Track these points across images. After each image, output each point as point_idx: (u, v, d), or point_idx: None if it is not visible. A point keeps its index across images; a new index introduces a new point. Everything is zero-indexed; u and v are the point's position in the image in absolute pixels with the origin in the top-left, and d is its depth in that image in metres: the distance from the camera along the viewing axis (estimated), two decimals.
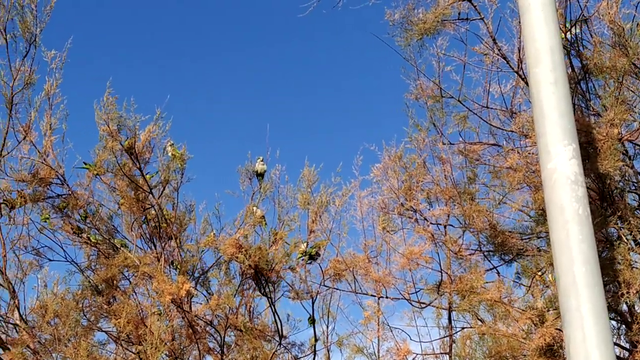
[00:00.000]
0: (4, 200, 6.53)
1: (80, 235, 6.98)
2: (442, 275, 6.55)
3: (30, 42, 6.49)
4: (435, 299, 6.65)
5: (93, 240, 6.99)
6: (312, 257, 6.92)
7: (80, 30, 17.04)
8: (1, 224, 6.51)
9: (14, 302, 6.48)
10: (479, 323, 6.41)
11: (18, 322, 6.46)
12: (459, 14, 6.36)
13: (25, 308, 6.59)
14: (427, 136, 6.64)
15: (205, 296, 7.01)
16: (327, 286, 6.73)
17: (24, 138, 6.55)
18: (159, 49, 19.25)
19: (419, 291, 6.67)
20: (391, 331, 6.69)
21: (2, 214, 6.53)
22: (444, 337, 6.77)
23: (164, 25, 19.25)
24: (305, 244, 6.89)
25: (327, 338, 6.85)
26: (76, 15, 16.95)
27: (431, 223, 6.64)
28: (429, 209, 6.66)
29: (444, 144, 6.63)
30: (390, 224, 6.69)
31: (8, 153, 6.51)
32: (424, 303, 6.71)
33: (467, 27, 6.38)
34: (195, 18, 19.09)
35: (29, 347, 6.35)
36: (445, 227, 6.66)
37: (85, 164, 6.72)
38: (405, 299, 6.66)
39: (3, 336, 6.45)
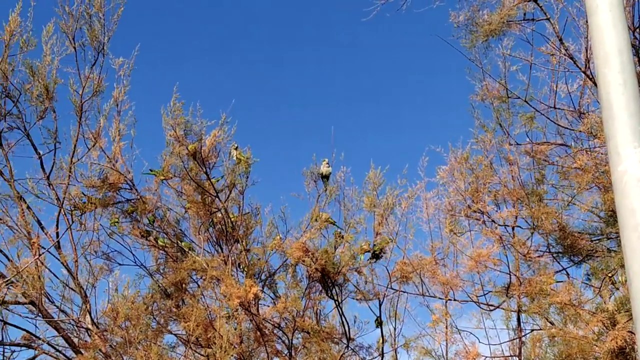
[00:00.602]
0: (75, 206, 7.59)
1: (147, 238, 8.04)
2: (510, 278, 7.43)
3: (98, 50, 7.48)
4: (504, 302, 7.52)
5: (161, 244, 8.03)
6: (377, 256, 7.81)
7: (147, 37, 18.38)
8: (72, 229, 7.57)
9: (86, 307, 7.52)
10: (549, 325, 7.28)
11: (90, 326, 7.49)
12: (525, 14, 7.24)
13: (96, 312, 7.64)
14: (493, 137, 7.52)
15: (272, 299, 8.00)
16: (394, 289, 7.65)
17: (94, 145, 7.59)
18: (224, 54, 20.67)
19: (487, 293, 7.56)
20: (459, 333, 7.59)
21: (73, 219, 7.59)
22: (513, 339, 7.64)
23: (228, 30, 20.66)
24: (367, 244, 7.78)
25: (395, 340, 7.75)
26: (142, 22, 18.30)
27: (499, 225, 7.54)
28: (497, 211, 7.54)
29: (510, 144, 7.50)
30: (457, 226, 7.58)
31: (78, 160, 7.55)
32: (492, 305, 7.58)
33: (533, 27, 7.23)
34: (260, 23, 20.49)
35: (101, 351, 7.36)
36: (513, 229, 7.54)
37: (152, 170, 7.75)
38: (474, 301, 7.55)
39: (75, 340, 7.50)
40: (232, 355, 7.21)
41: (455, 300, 7.54)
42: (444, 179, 7.54)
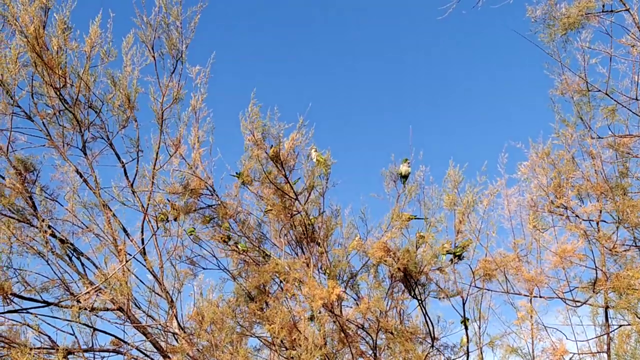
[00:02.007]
0: (159, 213, 7.57)
1: (228, 243, 7.98)
2: (597, 273, 7.20)
3: (176, 58, 7.44)
4: (591, 297, 7.29)
5: (242, 248, 7.97)
6: (459, 257, 7.65)
7: (223, 43, 18.60)
8: (157, 235, 7.54)
9: (173, 311, 7.48)
10: (638, 320, 7.04)
11: (177, 330, 7.45)
12: (603, 6, 7.02)
13: (182, 316, 7.59)
14: (574, 131, 7.31)
15: (354, 300, 7.88)
16: (477, 287, 7.47)
17: (175, 152, 7.56)
18: (300, 57, 20.82)
19: (573, 289, 7.32)
20: (546, 330, 7.37)
21: (158, 226, 7.56)
22: (601, 335, 7.40)
23: (303, 33, 20.81)
24: (449, 243, 7.62)
25: (480, 339, 7.57)
26: (217, 28, 18.51)
27: (583, 220, 7.32)
28: (580, 206, 7.33)
29: (592, 138, 7.27)
30: (540, 222, 7.38)
31: (160, 167, 7.52)
32: (579, 301, 7.36)
33: (612, 19, 7.00)
34: (333, 26, 20.59)
35: (189, 355, 7.31)
36: (597, 223, 7.29)
37: (237, 174, 7.70)
38: (559, 297, 7.33)
39: (163, 344, 7.46)
40: (317, 357, 7.10)
41: (540, 297, 7.32)
42: (525, 174, 7.34)
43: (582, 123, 7.23)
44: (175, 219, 7.56)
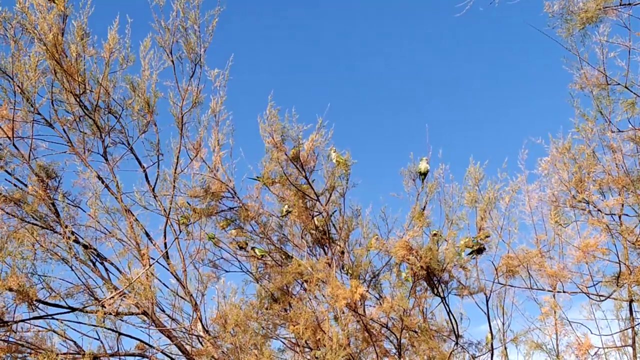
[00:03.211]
0: (181, 216, 7.47)
1: (245, 249, 7.88)
2: (620, 267, 7.08)
3: (195, 62, 7.34)
4: (615, 291, 7.17)
5: (259, 253, 7.87)
6: (479, 251, 7.52)
7: (240, 44, 18.53)
8: (180, 239, 7.44)
9: (197, 314, 7.37)
10: None
11: (202, 333, 7.34)
12: None
13: (205, 319, 7.48)
14: (594, 125, 7.19)
15: (377, 299, 7.76)
16: (501, 283, 7.34)
17: (196, 155, 7.46)
18: (316, 58, 20.75)
19: (597, 284, 7.20)
20: (570, 325, 7.24)
21: (181, 229, 7.46)
22: (626, 329, 7.29)
23: (319, 34, 20.75)
24: (470, 239, 7.49)
25: (504, 335, 7.45)
26: (234, 31, 18.45)
27: (605, 214, 7.20)
28: (602, 200, 7.21)
29: (612, 132, 7.15)
30: (562, 217, 7.26)
31: (182, 171, 7.42)
32: (602, 296, 7.23)
33: (630, 11, 6.90)
34: (351, 25, 20.53)
35: (213, 357, 7.21)
36: (620, 217, 7.17)
37: (258, 177, 7.59)
38: (584, 292, 7.21)
39: (188, 348, 7.35)
40: (341, 357, 6.99)
41: (564, 292, 7.20)
42: (546, 170, 7.22)
43: (602, 117, 7.12)
44: (197, 222, 7.45)
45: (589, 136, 7.12)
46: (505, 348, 7.44)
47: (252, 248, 7.94)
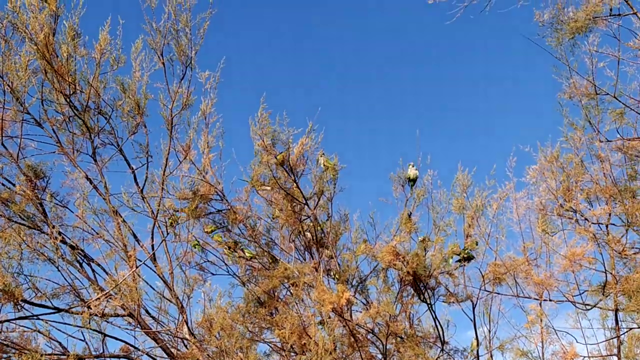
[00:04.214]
0: (169, 217, 7.45)
1: (235, 250, 7.86)
2: (606, 276, 7.09)
3: (186, 64, 7.32)
4: (601, 300, 7.18)
5: (249, 255, 7.86)
6: (467, 259, 7.52)
7: (232, 47, 18.54)
8: (167, 241, 7.42)
9: (183, 317, 7.34)
10: None
11: (187, 336, 7.31)
12: (611, 9, 6.91)
13: (191, 322, 7.45)
14: (583, 135, 7.21)
15: (363, 304, 7.76)
16: (488, 290, 7.35)
17: (185, 157, 7.44)
18: (306, 62, 20.78)
19: (583, 293, 7.21)
20: (556, 334, 7.24)
21: (168, 231, 7.44)
22: (611, 338, 7.28)
23: (310, 38, 20.76)
24: (457, 247, 7.48)
25: (490, 343, 7.44)
26: (225, 34, 18.45)
27: (592, 223, 7.21)
28: (589, 209, 7.22)
29: (601, 141, 7.17)
30: (549, 225, 7.27)
31: (170, 173, 7.41)
32: (588, 305, 7.24)
33: (619, 22, 6.91)
34: (342, 31, 20.60)
35: None
36: (607, 226, 7.19)
37: (247, 180, 7.57)
38: (570, 301, 7.21)
39: (174, 351, 7.33)
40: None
41: (550, 300, 7.20)
42: (534, 178, 7.23)
43: (591, 126, 7.14)
44: (184, 223, 7.44)
45: (578, 145, 7.14)
46: (491, 355, 7.44)
47: (242, 249, 7.92)
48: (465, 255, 7.43)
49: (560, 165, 7.10)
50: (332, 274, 7.65)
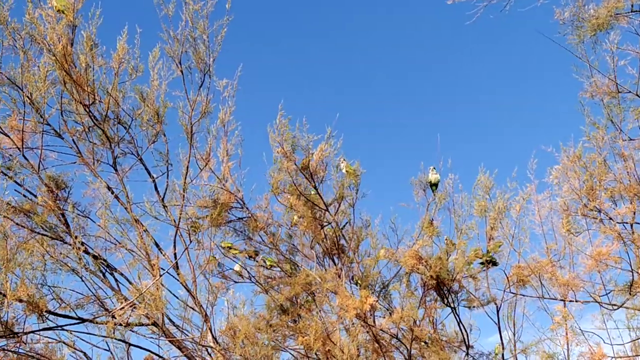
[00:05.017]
0: (191, 225, 7.44)
1: (255, 259, 7.87)
2: (633, 275, 7.04)
3: (204, 72, 7.32)
4: (627, 300, 7.12)
5: (269, 263, 7.85)
6: (493, 263, 7.49)
7: (249, 56, 18.54)
8: (190, 249, 7.41)
9: (207, 325, 7.33)
10: None
11: (212, 344, 7.29)
12: (632, 5, 6.91)
13: (215, 330, 7.43)
14: (605, 134, 7.17)
15: (386, 309, 7.72)
16: (513, 292, 7.30)
17: (205, 165, 7.44)
18: (325, 68, 20.78)
19: (609, 293, 7.16)
20: (583, 335, 7.19)
21: (191, 239, 7.44)
22: (638, 338, 7.23)
23: (329, 44, 20.75)
24: (479, 250, 7.45)
25: (514, 346, 7.39)
26: (243, 41, 18.46)
27: (616, 222, 7.16)
28: (614, 208, 7.17)
29: (624, 140, 7.13)
30: (574, 225, 7.22)
31: (191, 181, 7.40)
32: (615, 305, 7.19)
33: None
34: (359, 34, 20.54)
35: None
36: (631, 225, 7.14)
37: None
38: (596, 301, 7.16)
39: (198, 359, 7.30)
40: None
41: (576, 301, 7.14)
42: (557, 178, 7.19)
43: (613, 125, 7.08)
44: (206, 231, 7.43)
45: (600, 144, 7.08)
46: (516, 358, 7.39)
47: (262, 258, 7.92)
48: (488, 259, 7.39)
49: (583, 165, 7.04)
50: (354, 279, 7.62)
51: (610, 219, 7.08)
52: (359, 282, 7.51)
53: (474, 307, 7.58)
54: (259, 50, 20.15)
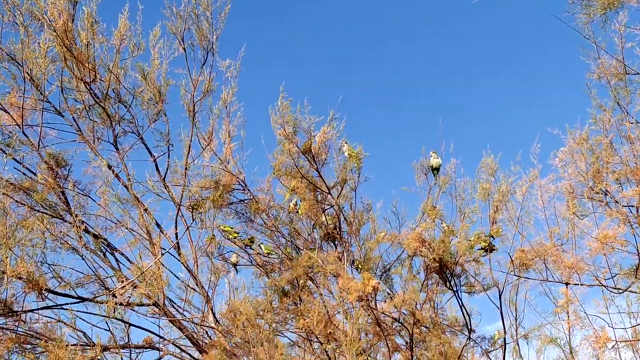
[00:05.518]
0: (193, 205, 7.37)
1: (251, 247, 7.81)
2: (639, 258, 7.00)
3: (207, 50, 7.23)
4: (633, 283, 7.07)
5: (266, 251, 7.79)
6: (490, 250, 7.44)
7: (252, 37, 18.26)
8: (192, 228, 7.32)
9: (209, 306, 7.27)
10: None
11: (213, 324, 7.22)
12: None
13: (214, 313, 7.35)
14: (612, 116, 7.11)
15: (388, 294, 7.66)
16: (517, 275, 7.24)
17: (208, 145, 7.37)
18: (328, 50, 20.69)
19: (614, 276, 7.11)
20: (588, 318, 7.14)
21: (193, 217, 7.36)
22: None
23: (331, 27, 20.49)
24: (480, 233, 7.39)
25: (516, 330, 7.34)
26: (246, 21, 18.21)
27: (622, 205, 7.11)
28: (620, 191, 7.12)
29: (630, 123, 7.08)
30: (579, 208, 7.16)
31: (193, 160, 7.32)
32: (620, 288, 7.14)
33: None
34: (361, 17, 20.35)
35: (226, 349, 7.07)
36: (637, 208, 7.10)
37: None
38: (602, 284, 7.09)
39: (199, 339, 7.21)
40: (355, 349, 6.85)
41: (581, 284, 7.09)
42: (562, 161, 7.13)
43: (620, 108, 7.01)
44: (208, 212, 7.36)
45: (607, 127, 7.01)
46: (518, 343, 7.35)
47: (259, 245, 7.86)
48: (487, 245, 7.34)
49: (590, 147, 6.98)
50: (355, 264, 7.56)
51: (617, 202, 7.03)
52: (360, 266, 7.45)
53: (473, 292, 7.53)
54: (263, 26, 19.88)
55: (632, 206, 6.95)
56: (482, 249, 7.40)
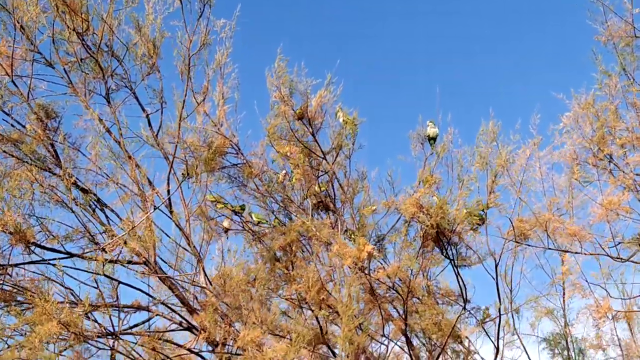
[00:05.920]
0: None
1: (242, 214, 7.65)
2: None
3: (204, 2, 7.07)
4: (636, 252, 6.91)
5: (256, 219, 7.62)
6: (482, 221, 7.24)
7: (248, 13, 17.81)
8: (186, 184, 7.14)
9: (200, 266, 7.08)
10: None
11: (204, 285, 7.04)
12: None
13: (206, 275, 7.17)
14: (618, 82, 6.96)
15: (381, 264, 7.49)
16: (518, 242, 7.06)
17: (203, 100, 7.15)
18: (326, 14, 20.33)
19: (618, 244, 6.95)
20: (590, 288, 7.01)
21: (188, 173, 7.16)
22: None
23: (328, 3, 20.61)
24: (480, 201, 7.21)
25: (511, 303, 7.16)
26: None
27: (624, 172, 6.96)
28: (625, 158, 6.98)
29: (637, 89, 6.95)
30: (583, 174, 7.01)
31: (187, 116, 7.08)
32: (622, 258, 6.98)
33: None
34: None
35: (217, 310, 6.86)
36: None
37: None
38: (607, 254, 6.89)
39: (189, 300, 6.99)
40: (349, 315, 6.67)
41: (583, 253, 6.94)
42: (567, 126, 6.99)
43: (625, 74, 6.88)
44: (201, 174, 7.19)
45: (613, 93, 6.88)
46: (512, 315, 7.21)
47: (250, 214, 7.70)
48: (477, 216, 7.17)
49: (595, 113, 6.84)
50: (348, 233, 7.39)
51: (622, 171, 6.89)
52: (353, 235, 7.26)
53: (465, 265, 7.36)
54: (260, 3, 19.55)
55: (637, 175, 6.81)
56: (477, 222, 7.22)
